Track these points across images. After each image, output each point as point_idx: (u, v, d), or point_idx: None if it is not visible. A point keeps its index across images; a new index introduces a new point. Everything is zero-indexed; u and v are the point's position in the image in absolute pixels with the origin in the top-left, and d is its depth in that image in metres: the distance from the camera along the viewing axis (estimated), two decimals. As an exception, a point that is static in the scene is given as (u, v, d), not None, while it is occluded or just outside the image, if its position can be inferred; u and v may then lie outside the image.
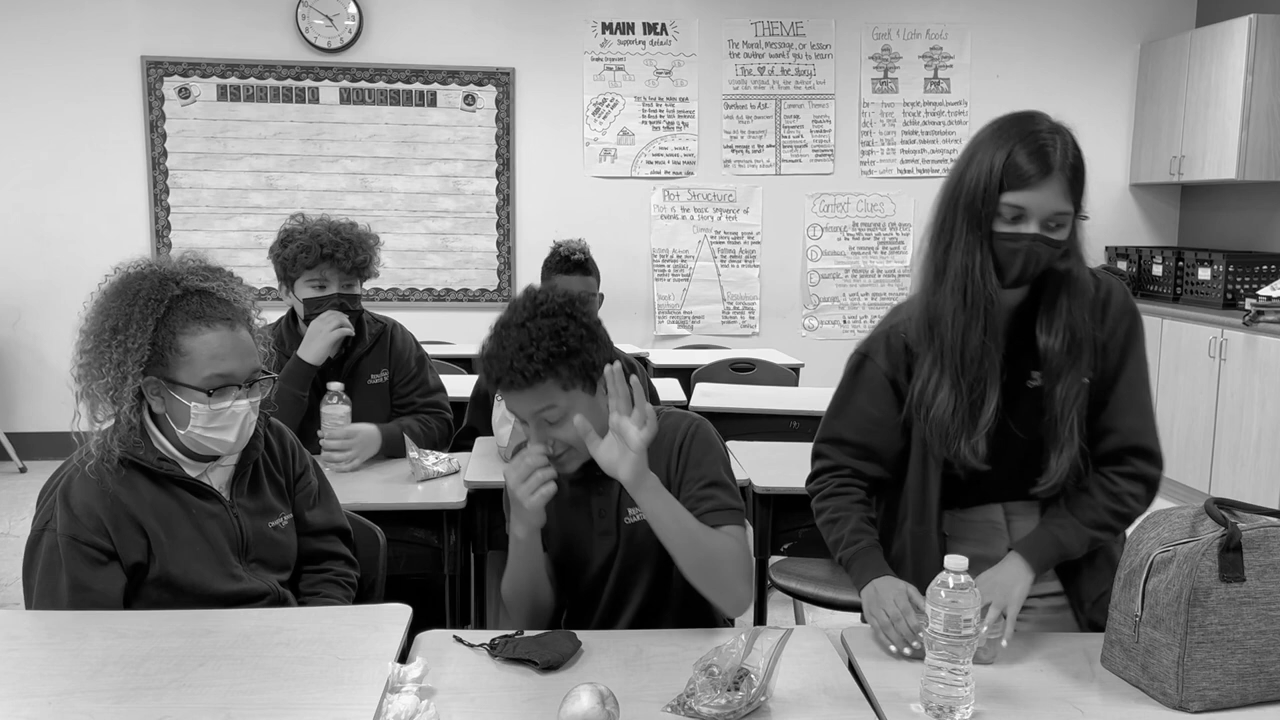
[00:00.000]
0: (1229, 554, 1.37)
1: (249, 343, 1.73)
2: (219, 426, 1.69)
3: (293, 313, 2.73)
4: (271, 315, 1.88)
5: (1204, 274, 5.47)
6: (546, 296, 1.65)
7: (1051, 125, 1.57)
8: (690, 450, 1.73)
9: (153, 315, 1.64)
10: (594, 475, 1.71)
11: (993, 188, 1.54)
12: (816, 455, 1.84)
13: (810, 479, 1.85)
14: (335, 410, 2.54)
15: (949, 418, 1.64)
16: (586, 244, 2.93)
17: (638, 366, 3.01)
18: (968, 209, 1.57)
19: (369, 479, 2.50)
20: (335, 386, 2.55)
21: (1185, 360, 5.15)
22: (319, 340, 2.57)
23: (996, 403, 1.63)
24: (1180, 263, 5.67)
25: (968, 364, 1.62)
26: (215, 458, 1.76)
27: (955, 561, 1.38)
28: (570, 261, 2.85)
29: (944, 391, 1.63)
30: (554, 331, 1.60)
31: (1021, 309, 1.67)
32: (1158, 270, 5.81)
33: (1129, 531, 1.53)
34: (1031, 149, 1.53)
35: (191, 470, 1.74)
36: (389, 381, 2.75)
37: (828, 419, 1.84)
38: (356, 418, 2.64)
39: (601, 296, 2.94)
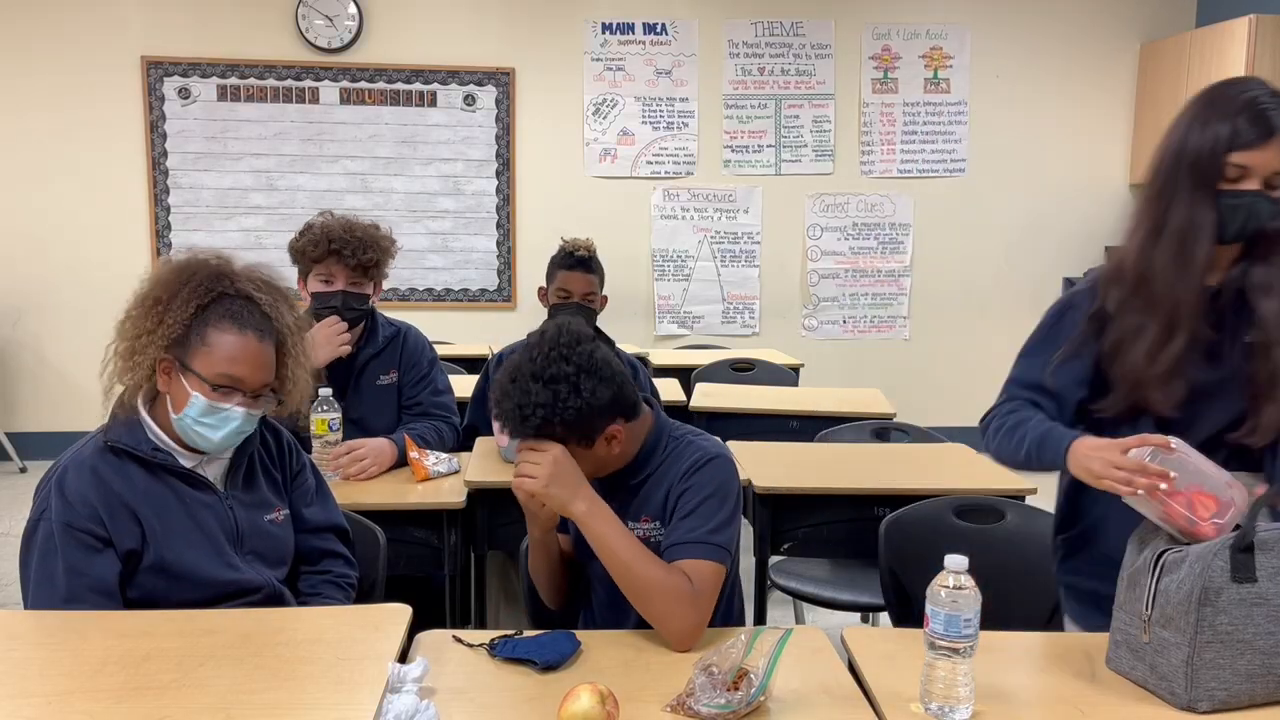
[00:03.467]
0: (1241, 554, 1.37)
1: (270, 358, 1.74)
2: (208, 424, 1.70)
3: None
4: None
5: (1204, 274, 5.45)
6: (559, 358, 1.64)
7: (1272, 90, 1.63)
8: (694, 478, 1.70)
9: (195, 300, 1.69)
10: (608, 482, 1.74)
11: (1220, 148, 1.61)
12: (1003, 393, 1.85)
13: (989, 412, 1.86)
14: (325, 417, 2.49)
15: (1144, 363, 1.67)
16: (593, 243, 2.92)
17: (639, 366, 3.01)
18: (1192, 168, 1.64)
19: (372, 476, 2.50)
20: (325, 392, 2.52)
21: (1185, 360, 5.14)
22: (324, 350, 2.53)
23: (1182, 346, 1.65)
24: (1180, 263, 5.66)
25: (1174, 313, 1.65)
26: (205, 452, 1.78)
27: (955, 561, 1.38)
28: (574, 258, 2.84)
29: (1145, 340, 1.67)
30: (551, 401, 1.62)
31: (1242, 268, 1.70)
32: (1158, 270, 5.80)
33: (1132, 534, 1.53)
34: (1255, 112, 1.59)
35: (186, 461, 1.75)
36: (398, 383, 2.75)
37: (1019, 359, 1.85)
38: (367, 419, 2.65)
39: (605, 298, 2.93)
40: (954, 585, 1.37)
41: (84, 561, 1.65)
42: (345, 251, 2.57)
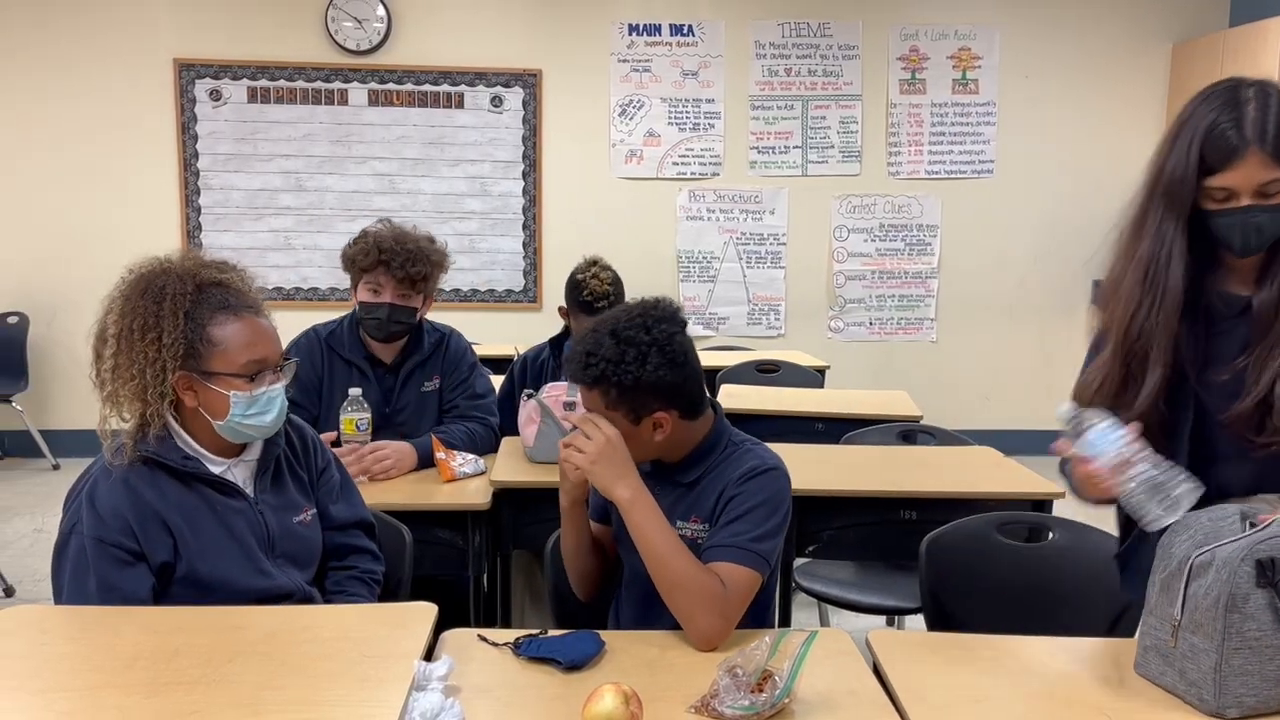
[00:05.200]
0: (1265, 560, 1.36)
1: (274, 329, 1.78)
2: (257, 412, 1.72)
3: (354, 315, 2.72)
4: (283, 316, 1.90)
5: (1237, 276, 5.38)
6: (641, 326, 1.69)
7: (1237, 98, 1.55)
8: (747, 485, 1.71)
9: (181, 309, 1.67)
10: (661, 474, 1.77)
11: (1190, 175, 1.56)
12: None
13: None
14: (353, 417, 2.50)
15: (1106, 390, 1.65)
16: (614, 274, 2.87)
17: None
18: (1165, 196, 1.61)
19: (396, 479, 2.51)
20: (354, 392, 2.53)
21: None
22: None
23: (1156, 385, 1.61)
24: (1212, 265, 5.59)
25: (1131, 341, 1.63)
26: (239, 451, 1.78)
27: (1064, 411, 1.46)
28: (594, 309, 2.79)
29: (1106, 365, 1.66)
30: (616, 359, 1.66)
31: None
32: (1189, 273, 5.73)
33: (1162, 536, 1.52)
34: (1219, 130, 1.54)
35: (215, 467, 1.75)
36: (440, 388, 2.76)
37: (1081, 373, 1.83)
38: (410, 424, 2.66)
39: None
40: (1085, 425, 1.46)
41: (116, 576, 1.65)
42: (394, 263, 2.55)
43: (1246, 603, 1.36)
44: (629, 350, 1.66)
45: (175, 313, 1.66)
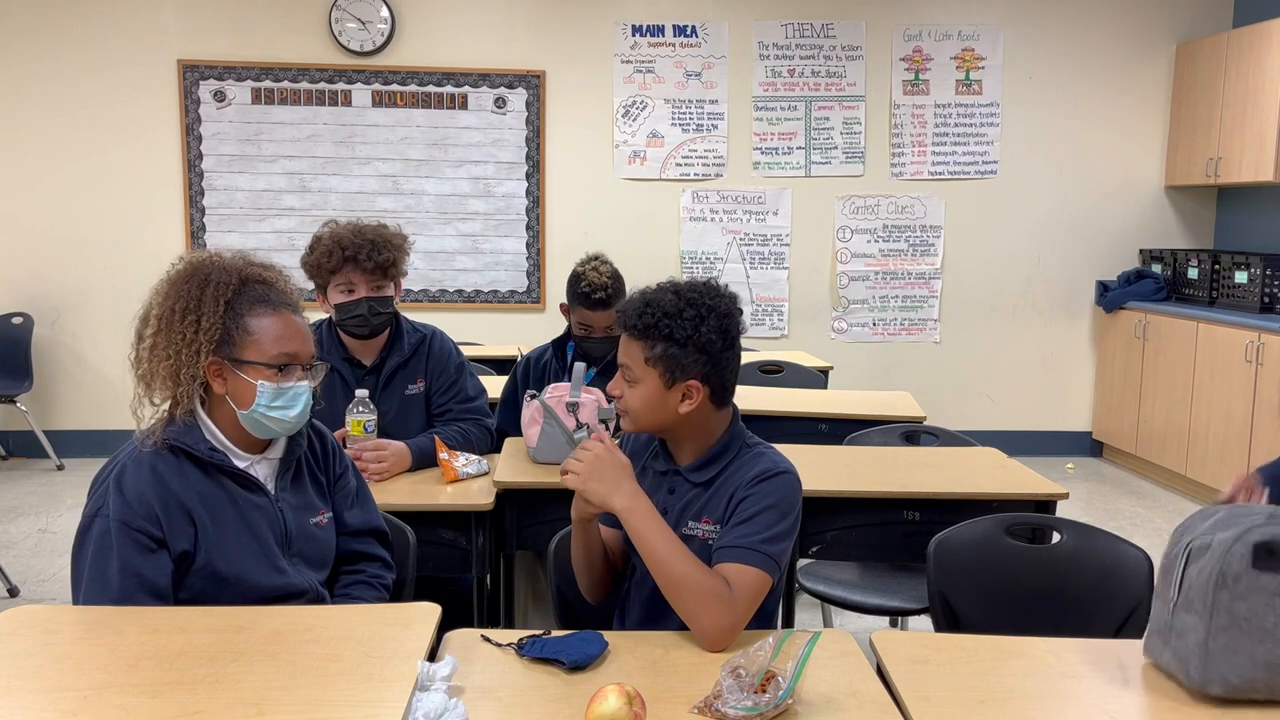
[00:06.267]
0: (1263, 542, 1.36)
1: (308, 328, 1.82)
2: (281, 406, 1.75)
3: (330, 320, 2.72)
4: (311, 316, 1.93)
5: (1240, 277, 5.39)
6: (705, 292, 1.73)
7: None
8: (759, 487, 1.71)
9: (223, 297, 1.73)
10: (675, 474, 1.78)
11: None
12: None
13: None
14: (361, 419, 2.52)
15: None
16: (614, 268, 2.87)
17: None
18: None
19: (400, 479, 2.52)
20: (360, 394, 2.53)
21: (1220, 364, 5.08)
22: None
23: None
24: (1216, 265, 5.59)
25: None
26: (263, 448, 1.80)
27: None
28: (593, 300, 2.78)
29: None
30: (674, 313, 1.69)
31: None
32: (1193, 273, 5.73)
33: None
34: None
35: (239, 462, 1.77)
36: (426, 391, 2.75)
37: None
38: (394, 428, 2.65)
39: None
40: None
41: (139, 561, 1.66)
42: (361, 256, 2.54)
43: (1238, 582, 1.37)
44: (688, 309, 1.69)
45: (216, 300, 1.72)
